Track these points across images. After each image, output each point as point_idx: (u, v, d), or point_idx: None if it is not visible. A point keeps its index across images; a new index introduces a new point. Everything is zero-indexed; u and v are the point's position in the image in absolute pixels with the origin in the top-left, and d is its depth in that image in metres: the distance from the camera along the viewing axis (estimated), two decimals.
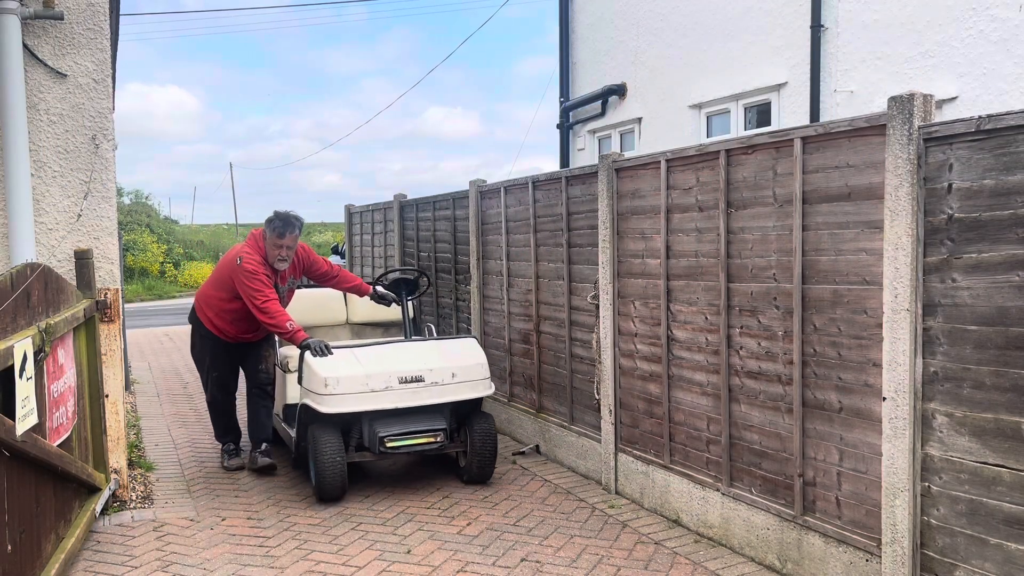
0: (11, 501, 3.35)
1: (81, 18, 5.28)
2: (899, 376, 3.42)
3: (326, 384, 5.13)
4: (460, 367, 5.42)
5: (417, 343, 5.68)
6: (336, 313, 7.12)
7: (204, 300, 6.10)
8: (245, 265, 5.68)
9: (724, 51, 8.92)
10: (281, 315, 5.56)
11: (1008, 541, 3.08)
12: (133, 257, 29.91)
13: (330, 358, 5.26)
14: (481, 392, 5.53)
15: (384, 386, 5.20)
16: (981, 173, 3.13)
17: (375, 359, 5.31)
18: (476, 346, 5.71)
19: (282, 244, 5.80)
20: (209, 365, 6.20)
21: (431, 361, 5.39)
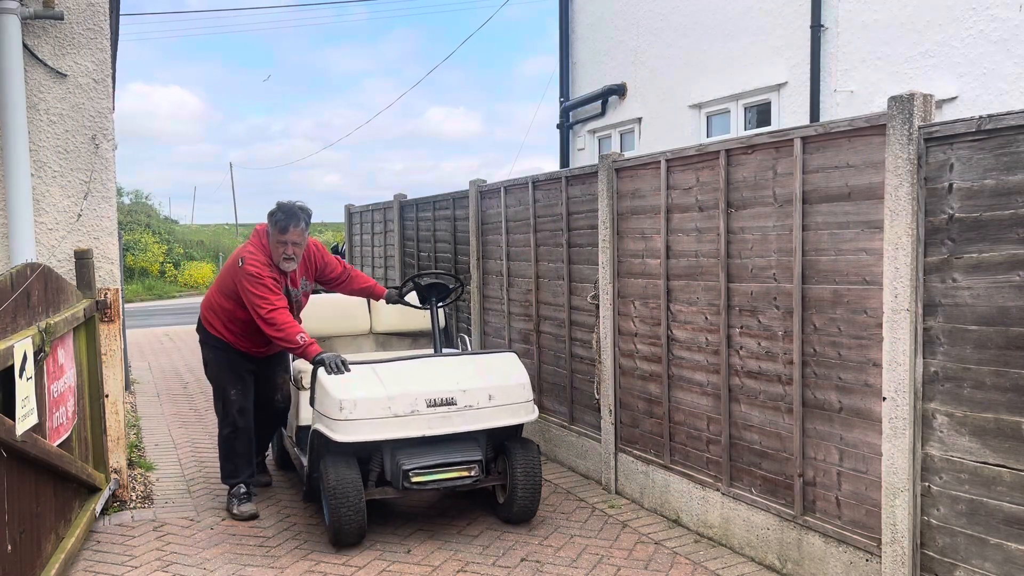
0: (11, 501, 3.35)
1: (81, 18, 5.28)
2: (899, 376, 3.42)
3: (341, 408, 4.36)
4: (498, 387, 4.64)
5: (448, 359, 4.88)
6: (358, 321, 6.24)
7: (211, 309, 5.27)
8: (247, 267, 4.86)
9: (724, 51, 8.92)
10: (290, 326, 4.74)
11: (1008, 541, 3.08)
12: (133, 257, 29.91)
13: (347, 376, 4.51)
14: (523, 417, 4.74)
15: (410, 410, 4.42)
16: (982, 173, 3.12)
17: (399, 378, 4.53)
18: (516, 362, 4.92)
19: (285, 240, 4.93)
20: (227, 381, 5.21)
21: (465, 380, 4.60)
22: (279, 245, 4.98)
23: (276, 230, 4.97)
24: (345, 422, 4.37)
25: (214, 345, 5.26)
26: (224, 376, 5.23)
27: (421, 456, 4.50)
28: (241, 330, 5.14)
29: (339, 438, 4.37)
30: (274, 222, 4.98)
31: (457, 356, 4.96)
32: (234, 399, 5.20)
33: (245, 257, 4.95)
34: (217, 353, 5.25)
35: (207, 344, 5.31)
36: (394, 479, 4.55)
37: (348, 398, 4.38)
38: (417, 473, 4.44)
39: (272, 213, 5.03)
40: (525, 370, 4.87)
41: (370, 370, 4.58)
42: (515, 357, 4.97)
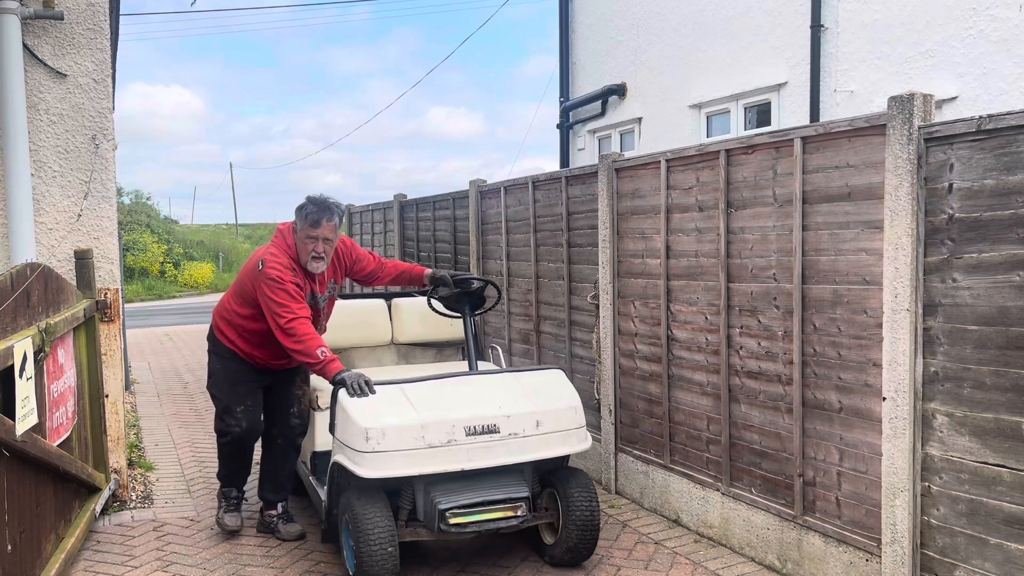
0: (11, 501, 3.35)
1: (81, 18, 5.28)
2: (899, 376, 3.42)
3: (368, 437, 3.73)
4: (547, 412, 3.99)
5: (487, 377, 4.29)
6: (379, 331, 5.53)
7: (224, 317, 4.70)
8: (268, 271, 4.29)
9: (724, 51, 8.92)
10: (310, 338, 4.16)
11: (1008, 541, 3.08)
12: (133, 257, 29.92)
13: (372, 400, 3.88)
14: (575, 446, 4.09)
15: (446, 439, 3.78)
16: (982, 173, 3.12)
17: (433, 401, 3.90)
18: (565, 381, 4.30)
19: (316, 236, 4.39)
20: (233, 397, 4.63)
21: (508, 404, 3.96)
22: (308, 241, 4.40)
23: (307, 224, 4.40)
24: (372, 454, 3.73)
25: (226, 357, 4.67)
26: (230, 392, 4.63)
27: (459, 493, 3.86)
28: (258, 341, 4.57)
29: (365, 473, 3.73)
30: (304, 215, 4.42)
31: (497, 374, 4.34)
32: (239, 417, 4.60)
33: (266, 260, 4.36)
34: (227, 365, 4.66)
35: (216, 354, 4.73)
36: (428, 519, 3.91)
37: (375, 426, 3.74)
38: (456, 514, 3.81)
39: (301, 206, 4.48)
40: (575, 391, 4.21)
41: (399, 392, 3.96)
42: (562, 375, 4.35)
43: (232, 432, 4.62)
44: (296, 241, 4.46)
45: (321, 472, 4.65)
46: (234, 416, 4.61)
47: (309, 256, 4.42)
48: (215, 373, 4.74)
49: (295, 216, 4.50)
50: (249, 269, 4.52)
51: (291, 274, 4.35)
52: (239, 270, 4.82)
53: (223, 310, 4.71)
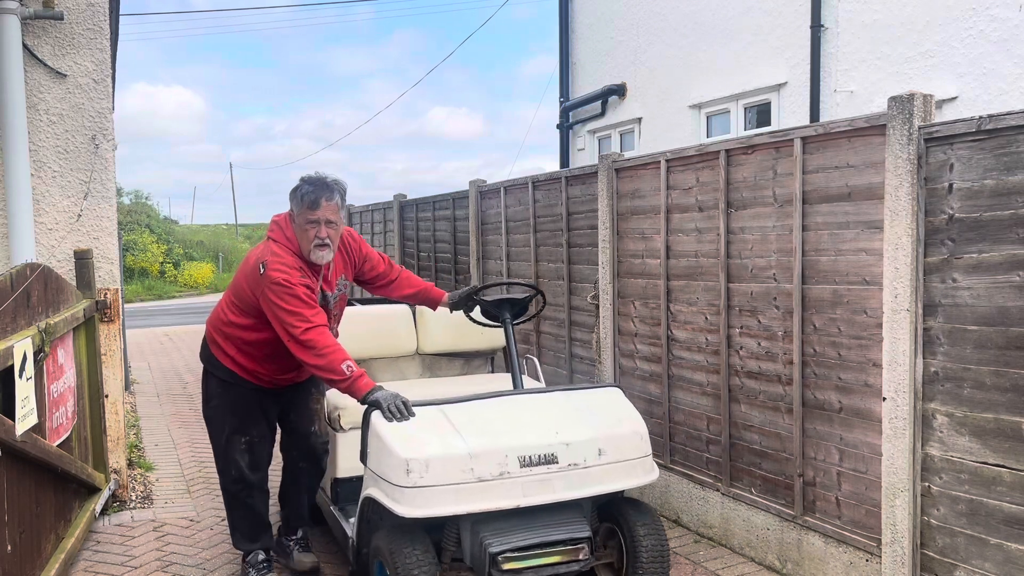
0: (11, 501, 3.35)
1: (81, 18, 5.28)
2: (899, 376, 3.42)
3: (408, 470, 3.18)
4: (610, 438, 3.42)
5: (537, 397, 3.67)
6: (402, 340, 4.90)
7: (219, 329, 3.98)
8: (272, 273, 3.62)
9: (724, 51, 8.92)
10: (333, 351, 3.52)
11: (1008, 541, 3.08)
12: (133, 257, 29.93)
13: (411, 425, 3.33)
14: (641, 478, 3.50)
15: (498, 471, 3.23)
16: (982, 173, 3.12)
17: (480, 426, 3.36)
18: (624, 400, 3.72)
19: (317, 218, 3.71)
20: (234, 427, 3.97)
21: (566, 429, 3.40)
22: (309, 227, 3.72)
23: (304, 207, 3.73)
24: (413, 490, 3.18)
25: (222, 378, 3.96)
26: (230, 421, 3.96)
27: (513, 533, 3.29)
28: (261, 354, 3.88)
29: (406, 512, 3.18)
30: (299, 197, 3.76)
31: (548, 393, 3.73)
32: (243, 450, 3.97)
33: (268, 261, 3.67)
34: (226, 389, 3.96)
35: (213, 376, 4.02)
36: (476, 563, 3.36)
37: (417, 457, 3.19)
38: (509, 558, 3.26)
39: (296, 188, 3.81)
40: (637, 412, 3.67)
41: (440, 415, 3.40)
42: (620, 394, 3.78)
43: (234, 471, 3.96)
44: (295, 230, 3.78)
45: (344, 501, 4.19)
46: (236, 450, 3.95)
47: (312, 244, 3.72)
48: (211, 397, 4.03)
49: (290, 201, 3.84)
50: (247, 272, 3.82)
51: (299, 274, 3.67)
52: (234, 274, 4.10)
53: (217, 321, 4.00)
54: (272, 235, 3.85)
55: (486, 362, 5.19)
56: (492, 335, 4.84)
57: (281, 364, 3.89)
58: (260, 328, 3.80)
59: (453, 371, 5.10)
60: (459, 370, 5.12)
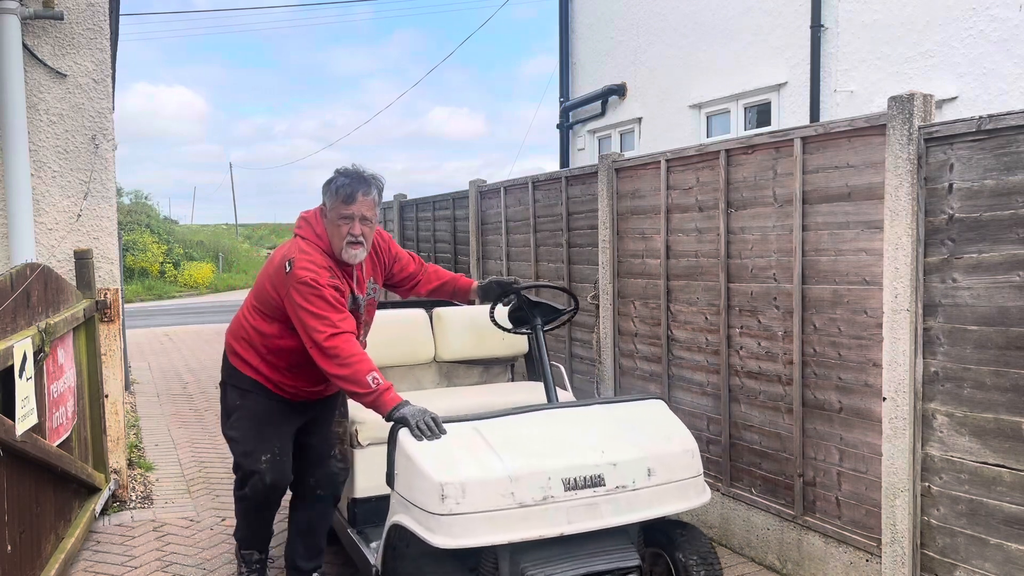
0: (11, 501, 3.35)
1: (81, 18, 5.28)
2: (899, 376, 3.42)
3: (444, 496, 2.89)
4: (659, 457, 3.11)
5: (575, 411, 3.35)
6: (419, 347, 4.60)
7: (241, 337, 3.68)
8: (299, 272, 3.31)
9: (724, 51, 8.92)
10: (358, 361, 3.22)
11: (1008, 541, 3.08)
12: (133, 257, 29.93)
13: (443, 444, 3.03)
14: (693, 500, 3.22)
15: (541, 496, 2.93)
16: (982, 173, 3.12)
17: (518, 445, 3.05)
18: (669, 414, 3.39)
19: (351, 214, 3.40)
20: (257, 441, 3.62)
21: (612, 447, 3.09)
22: (342, 223, 3.40)
23: (338, 201, 3.41)
24: (449, 518, 2.89)
25: (246, 389, 3.65)
26: (254, 434, 3.61)
27: (556, 563, 3.00)
28: (288, 364, 3.57)
29: (441, 542, 2.90)
30: (334, 191, 3.44)
31: (587, 407, 3.40)
32: (263, 468, 3.58)
33: (295, 259, 3.36)
34: (250, 401, 3.64)
35: (235, 387, 3.70)
36: None
37: (453, 481, 2.88)
38: None
39: (330, 180, 3.49)
40: (686, 428, 3.34)
41: (473, 432, 3.09)
42: (664, 406, 3.44)
43: (255, 487, 3.62)
44: (326, 226, 3.47)
45: (363, 523, 3.89)
46: (257, 466, 3.59)
47: (344, 242, 3.40)
48: (234, 410, 3.71)
49: (323, 194, 3.51)
50: (272, 272, 3.49)
51: (328, 274, 3.36)
52: (257, 275, 3.76)
53: (239, 329, 3.69)
54: (300, 232, 3.52)
55: (505, 369, 4.88)
56: (514, 341, 4.56)
57: (308, 376, 3.56)
58: (285, 335, 3.48)
59: (471, 379, 4.79)
60: (477, 378, 4.80)
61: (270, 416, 3.62)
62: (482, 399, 4.04)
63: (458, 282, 3.96)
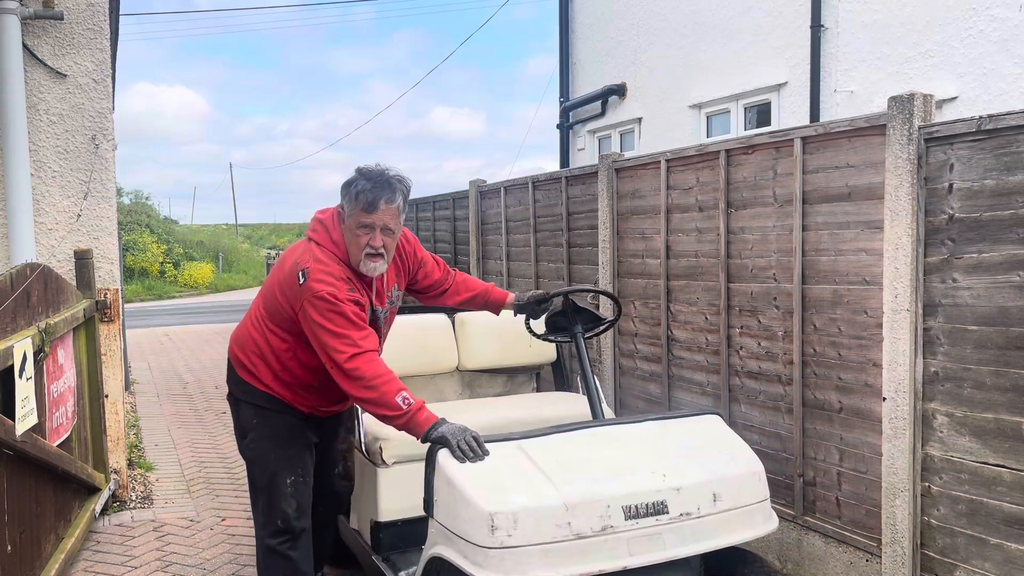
0: (11, 501, 3.35)
1: (81, 18, 5.28)
2: (899, 376, 3.42)
3: (494, 527, 2.61)
4: (724, 480, 2.84)
5: (628, 429, 3.06)
6: (442, 355, 4.32)
7: (249, 349, 3.30)
8: (314, 285, 2.98)
9: (724, 51, 8.93)
10: (384, 381, 2.91)
11: (1008, 541, 3.08)
12: (133, 257, 29.93)
13: (489, 468, 2.75)
14: (760, 528, 2.93)
15: (600, 526, 2.66)
16: (982, 173, 3.12)
17: (572, 468, 2.77)
18: (729, 431, 3.12)
19: (371, 223, 3.04)
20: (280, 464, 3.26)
21: (674, 470, 2.82)
22: (361, 232, 3.06)
23: (357, 207, 3.05)
24: (500, 551, 2.62)
25: (262, 406, 3.28)
26: (274, 457, 3.26)
27: None
28: (300, 380, 3.24)
29: None
30: (353, 195, 3.06)
31: (640, 423, 3.10)
32: (289, 493, 3.24)
33: (309, 269, 3.02)
34: (268, 419, 3.27)
35: (249, 404, 3.31)
36: None
37: (504, 510, 2.61)
38: None
39: (350, 182, 3.11)
40: (749, 447, 3.06)
41: (519, 453, 2.82)
42: (722, 422, 3.17)
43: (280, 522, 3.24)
44: (344, 232, 3.12)
45: (388, 549, 3.59)
46: (282, 495, 3.23)
47: (362, 253, 3.07)
48: (250, 429, 3.30)
49: (341, 196, 3.15)
50: (283, 280, 3.13)
51: (346, 287, 3.02)
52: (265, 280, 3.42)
53: (248, 341, 3.29)
54: (314, 236, 3.16)
55: (531, 378, 4.62)
56: (542, 348, 4.27)
57: (325, 393, 3.26)
58: (300, 349, 3.15)
59: (495, 389, 4.52)
60: (501, 388, 4.54)
61: (291, 433, 3.28)
62: (514, 412, 3.76)
63: (490, 295, 3.64)
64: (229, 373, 3.41)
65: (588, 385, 3.47)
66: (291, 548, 3.28)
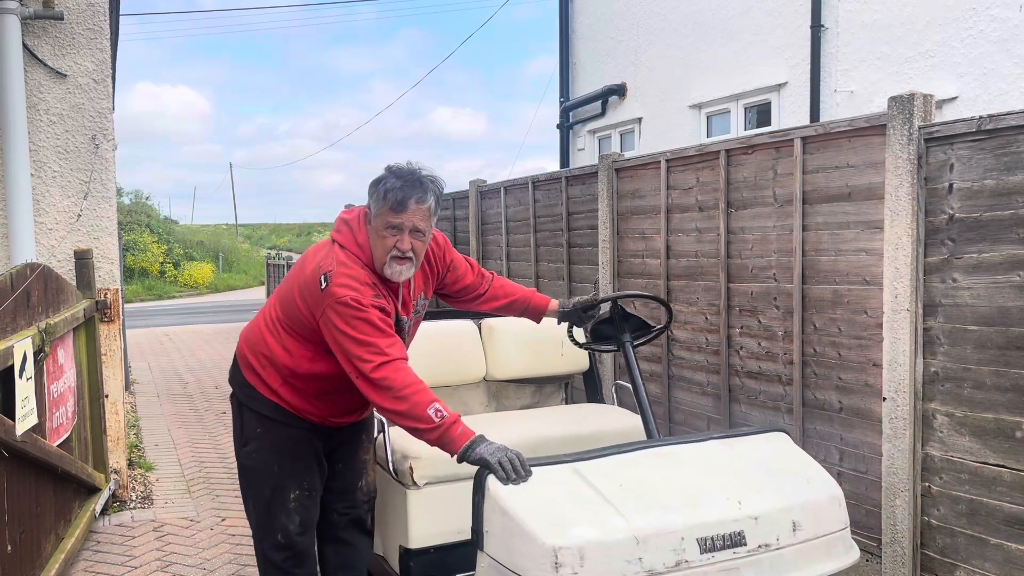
0: (11, 501, 3.35)
1: (81, 18, 5.28)
2: (899, 376, 3.42)
3: (558, 564, 2.34)
4: (804, 507, 2.59)
5: (691, 450, 2.78)
6: (468, 364, 4.00)
7: (258, 352, 3.04)
8: (337, 290, 2.74)
9: (724, 51, 8.92)
10: (415, 391, 2.66)
11: (1008, 541, 3.08)
12: (133, 257, 29.94)
13: (546, 494, 2.47)
14: (843, 559, 2.68)
15: (674, 561, 2.42)
16: (982, 173, 3.12)
17: (638, 494, 2.50)
18: (800, 451, 2.87)
19: (399, 224, 2.80)
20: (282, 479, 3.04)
21: (749, 496, 2.55)
22: (387, 233, 2.81)
23: (385, 206, 2.80)
24: None
25: (266, 415, 3.02)
26: (276, 472, 3.03)
27: None
28: (315, 391, 2.99)
29: None
30: (382, 193, 2.81)
31: (702, 443, 2.82)
32: (293, 508, 3.03)
33: (332, 273, 2.78)
34: (269, 429, 3.03)
35: (252, 411, 3.06)
36: None
37: (568, 544, 2.34)
38: None
39: (379, 180, 2.86)
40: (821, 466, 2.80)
41: (576, 477, 2.53)
42: (789, 441, 2.90)
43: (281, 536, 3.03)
44: (370, 234, 2.87)
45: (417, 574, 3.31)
46: (283, 510, 3.02)
47: (388, 256, 2.83)
48: (253, 438, 3.06)
49: (368, 196, 2.90)
50: (303, 282, 2.87)
51: (371, 293, 2.78)
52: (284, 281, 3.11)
53: (260, 342, 3.03)
54: (339, 237, 2.92)
55: (559, 389, 4.34)
56: (574, 357, 3.99)
57: (340, 404, 3.03)
58: (318, 359, 2.91)
59: (523, 400, 4.23)
60: (529, 399, 4.25)
61: (298, 448, 3.03)
62: (553, 429, 3.49)
63: (531, 302, 3.34)
64: (234, 372, 3.16)
65: (640, 399, 3.15)
66: (296, 566, 3.07)
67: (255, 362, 3.04)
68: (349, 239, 2.90)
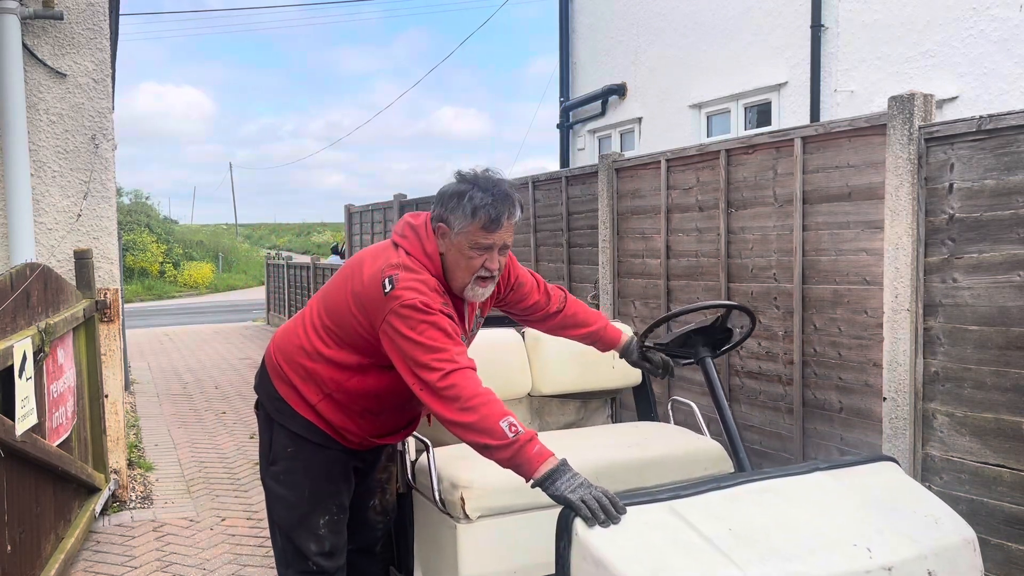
0: (11, 501, 3.35)
1: (81, 18, 5.28)
2: (899, 376, 3.42)
3: None
4: (938, 553, 2.27)
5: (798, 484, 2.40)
6: (513, 378, 3.67)
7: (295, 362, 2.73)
8: (403, 292, 2.47)
9: (724, 51, 8.92)
10: (485, 402, 2.36)
11: (1009, 541, 3.08)
12: (133, 257, 29.95)
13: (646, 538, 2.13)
14: None
15: None
16: (982, 173, 3.12)
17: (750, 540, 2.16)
18: (919, 487, 2.56)
19: (490, 244, 2.56)
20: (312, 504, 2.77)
21: (879, 543, 2.22)
22: (475, 253, 2.56)
23: (475, 224, 2.52)
24: None
25: (300, 435, 2.74)
26: (312, 493, 2.77)
27: None
28: (361, 409, 2.72)
29: None
30: (470, 210, 2.52)
31: (808, 475, 2.44)
32: (322, 534, 2.78)
33: (398, 278, 2.50)
34: (306, 452, 2.75)
35: (284, 428, 2.77)
36: None
37: None
38: None
39: (460, 194, 2.55)
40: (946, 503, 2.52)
41: (674, 518, 2.20)
42: (901, 471, 2.58)
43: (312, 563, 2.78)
44: (445, 248, 2.59)
45: None
46: (312, 536, 2.77)
47: (472, 276, 2.58)
48: (283, 458, 2.78)
49: (443, 207, 2.58)
50: (360, 291, 2.57)
51: (440, 299, 2.53)
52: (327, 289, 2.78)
53: (294, 350, 2.74)
54: (403, 242, 2.63)
55: (605, 404, 4.04)
56: (625, 370, 3.64)
57: (386, 423, 2.78)
58: (367, 370, 2.64)
59: (567, 417, 3.92)
60: (574, 416, 3.94)
61: (331, 469, 2.77)
62: (618, 453, 3.16)
63: (604, 333, 3.10)
64: (262, 382, 2.84)
65: (727, 423, 2.80)
66: None
67: (292, 374, 2.73)
68: (416, 247, 2.61)
